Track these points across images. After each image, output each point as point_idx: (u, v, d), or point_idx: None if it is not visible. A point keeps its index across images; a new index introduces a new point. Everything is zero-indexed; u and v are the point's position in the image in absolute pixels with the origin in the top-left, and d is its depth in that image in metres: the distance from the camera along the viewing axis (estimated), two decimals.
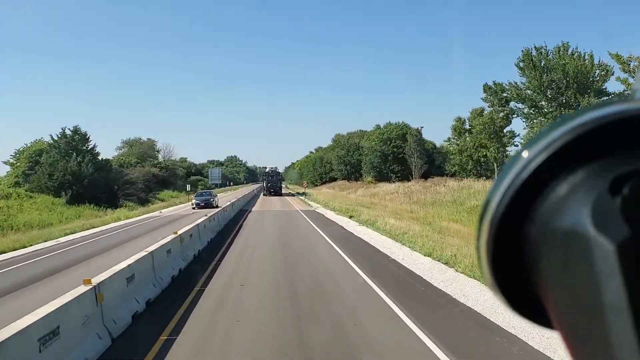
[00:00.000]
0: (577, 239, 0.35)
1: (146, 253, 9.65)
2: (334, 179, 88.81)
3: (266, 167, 73.58)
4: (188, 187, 56.12)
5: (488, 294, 8.52)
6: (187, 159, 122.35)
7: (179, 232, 13.11)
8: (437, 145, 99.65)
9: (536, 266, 0.39)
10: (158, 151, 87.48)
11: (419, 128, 69.27)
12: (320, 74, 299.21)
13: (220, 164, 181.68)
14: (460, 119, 57.64)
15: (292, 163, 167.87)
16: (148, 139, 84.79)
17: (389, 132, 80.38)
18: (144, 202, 48.16)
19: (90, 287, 6.55)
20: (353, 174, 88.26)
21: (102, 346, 6.44)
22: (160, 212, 37.67)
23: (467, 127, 57.99)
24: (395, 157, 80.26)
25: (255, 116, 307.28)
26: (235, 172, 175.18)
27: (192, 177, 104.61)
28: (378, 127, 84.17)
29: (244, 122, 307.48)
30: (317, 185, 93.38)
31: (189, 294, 9.50)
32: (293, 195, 67.60)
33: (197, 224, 16.41)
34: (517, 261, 0.41)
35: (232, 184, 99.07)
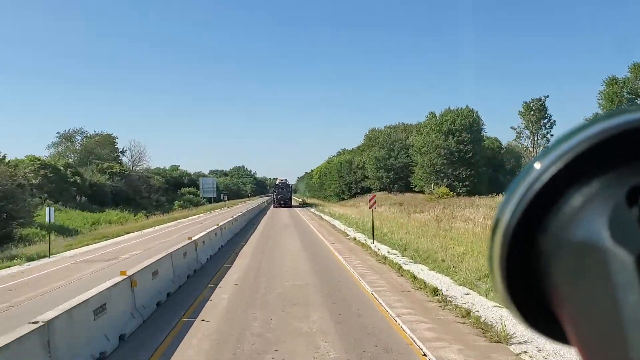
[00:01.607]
0: (593, 251, 0.34)
1: None
2: (367, 190, 64.18)
3: (276, 179, 74.14)
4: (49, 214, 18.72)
5: None
6: (179, 167, 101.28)
7: None
8: (505, 143, 74.15)
9: (550, 280, 0.38)
10: (122, 152, 62.73)
11: (542, 98, 43.91)
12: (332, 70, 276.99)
13: (224, 174, 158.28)
14: (614, 80, 32.49)
15: (306, 172, 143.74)
16: (107, 133, 60.06)
17: (449, 121, 55.25)
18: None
19: None
20: (396, 182, 62.95)
21: None
22: None
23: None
24: (461, 157, 55.01)
25: (268, 123, 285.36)
26: (240, 184, 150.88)
27: (183, 189, 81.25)
28: (433, 115, 59.00)
29: (256, 130, 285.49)
30: (343, 199, 68.57)
31: None
32: (309, 207, 42.31)
33: None
34: (531, 275, 0.39)
35: (226, 198, 73.44)
